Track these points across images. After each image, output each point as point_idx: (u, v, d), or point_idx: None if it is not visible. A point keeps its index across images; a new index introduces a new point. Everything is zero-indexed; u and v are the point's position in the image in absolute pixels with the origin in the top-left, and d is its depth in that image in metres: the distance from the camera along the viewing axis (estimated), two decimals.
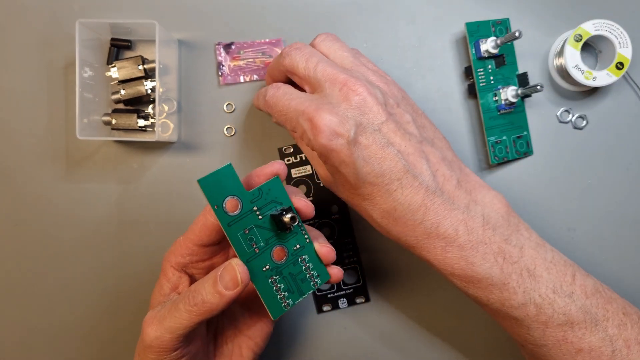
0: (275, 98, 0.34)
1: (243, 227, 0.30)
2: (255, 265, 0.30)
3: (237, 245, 0.30)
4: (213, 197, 0.29)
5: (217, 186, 0.29)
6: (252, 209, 0.30)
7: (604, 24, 0.39)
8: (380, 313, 0.42)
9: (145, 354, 0.31)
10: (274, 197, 0.31)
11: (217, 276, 0.29)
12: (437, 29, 0.42)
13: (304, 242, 0.32)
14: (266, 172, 0.32)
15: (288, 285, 0.31)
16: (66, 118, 0.42)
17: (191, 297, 0.29)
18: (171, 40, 0.41)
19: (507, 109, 0.41)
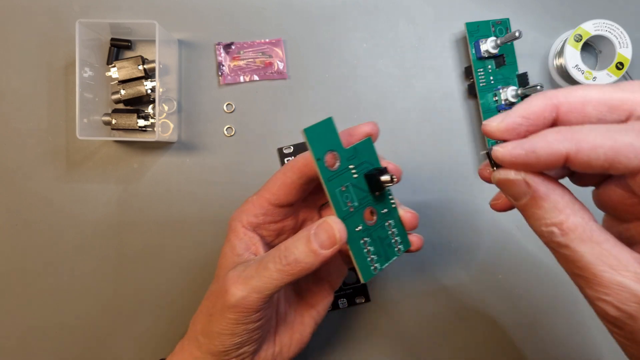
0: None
1: (341, 183, 0.29)
2: (349, 224, 0.29)
3: (335, 202, 0.28)
4: (316, 149, 0.27)
5: (320, 138, 0.28)
6: (348, 167, 0.29)
7: (604, 24, 0.39)
8: (380, 313, 0.42)
9: (224, 314, 0.29)
10: (366, 158, 0.30)
11: (310, 234, 0.28)
12: (437, 29, 0.42)
13: (390, 207, 0.31)
14: (359, 132, 0.30)
15: (377, 248, 0.30)
16: (66, 118, 0.42)
17: (282, 256, 0.28)
18: (171, 40, 0.41)
19: (507, 109, 0.41)
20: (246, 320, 0.29)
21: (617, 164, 0.20)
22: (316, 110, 0.42)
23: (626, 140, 0.20)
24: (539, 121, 0.23)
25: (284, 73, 0.42)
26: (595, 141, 0.20)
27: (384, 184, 0.29)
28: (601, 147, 0.20)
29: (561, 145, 0.21)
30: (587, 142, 0.20)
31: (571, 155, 0.21)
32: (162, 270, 0.42)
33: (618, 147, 0.20)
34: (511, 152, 0.22)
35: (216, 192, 0.42)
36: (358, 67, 0.42)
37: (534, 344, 0.42)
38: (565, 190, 0.23)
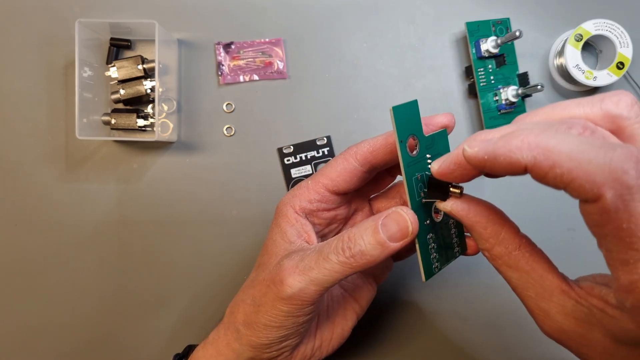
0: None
1: (416, 171, 0.26)
2: (419, 217, 0.27)
3: (411, 190, 0.26)
4: (401, 130, 0.25)
5: (405, 119, 0.25)
6: (426, 156, 0.27)
7: (605, 24, 0.39)
8: (380, 313, 0.42)
9: (276, 306, 0.28)
10: (440, 150, 0.28)
11: (377, 224, 0.26)
12: (437, 29, 0.42)
13: None
14: (435, 122, 0.28)
15: (439, 247, 0.28)
16: (66, 118, 0.42)
17: (346, 247, 0.26)
18: (171, 40, 0.41)
19: (508, 109, 0.41)
20: (298, 313, 0.28)
21: (571, 190, 0.19)
22: (316, 110, 0.42)
23: (588, 167, 0.18)
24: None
25: (284, 73, 0.42)
26: (557, 158, 0.19)
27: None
28: (559, 168, 0.19)
29: (521, 155, 0.20)
30: (548, 158, 0.19)
31: (529, 166, 0.20)
32: (162, 270, 0.42)
33: (577, 172, 0.18)
34: (476, 153, 0.21)
35: (216, 192, 0.42)
36: (358, 67, 0.42)
37: (536, 345, 0.42)
38: (490, 220, 0.25)
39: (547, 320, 0.23)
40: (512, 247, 0.24)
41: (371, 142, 0.29)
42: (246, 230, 0.42)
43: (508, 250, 0.24)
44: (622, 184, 0.18)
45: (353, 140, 0.42)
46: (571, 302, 0.23)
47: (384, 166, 0.30)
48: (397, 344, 0.42)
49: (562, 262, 0.43)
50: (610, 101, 0.22)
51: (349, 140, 0.42)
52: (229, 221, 0.42)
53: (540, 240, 0.32)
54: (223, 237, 0.42)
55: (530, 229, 0.33)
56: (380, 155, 0.29)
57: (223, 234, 0.42)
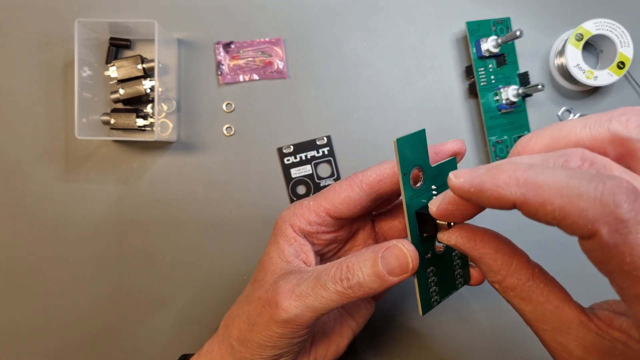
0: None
1: (420, 204, 0.26)
2: (420, 250, 0.26)
3: (412, 225, 0.25)
4: (405, 163, 0.25)
5: (410, 151, 0.24)
6: (431, 187, 0.26)
7: (605, 23, 0.39)
8: (380, 313, 0.42)
9: (270, 327, 0.27)
10: (444, 180, 0.26)
11: (377, 257, 0.25)
12: (437, 29, 0.42)
13: None
14: (446, 150, 0.27)
15: (440, 279, 0.27)
16: (65, 118, 0.42)
17: (344, 277, 0.26)
18: (170, 40, 0.41)
19: (508, 109, 0.41)
20: (292, 336, 0.28)
21: (565, 228, 0.18)
22: (316, 110, 0.42)
23: (579, 203, 0.17)
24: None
25: (284, 72, 0.42)
26: (546, 195, 0.18)
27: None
28: (550, 205, 0.18)
29: (508, 192, 0.19)
30: (538, 195, 0.18)
31: (518, 204, 0.19)
32: (161, 270, 0.42)
33: (568, 209, 0.17)
34: (461, 185, 0.20)
35: (216, 192, 0.42)
36: (358, 67, 0.42)
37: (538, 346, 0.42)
38: (500, 250, 0.23)
39: (565, 355, 0.22)
40: (525, 277, 0.23)
41: (378, 171, 0.28)
42: (246, 231, 0.42)
43: (521, 281, 0.23)
44: (615, 218, 0.16)
45: (353, 140, 0.42)
46: (591, 335, 0.21)
47: (390, 195, 0.29)
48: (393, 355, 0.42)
49: (561, 260, 0.43)
50: (618, 122, 0.20)
51: (349, 140, 0.42)
52: (228, 221, 0.42)
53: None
54: (223, 237, 0.42)
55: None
56: (388, 185, 0.28)
57: (223, 234, 0.42)
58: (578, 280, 0.24)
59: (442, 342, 0.42)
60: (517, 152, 0.22)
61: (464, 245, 0.24)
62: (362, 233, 0.33)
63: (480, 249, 0.23)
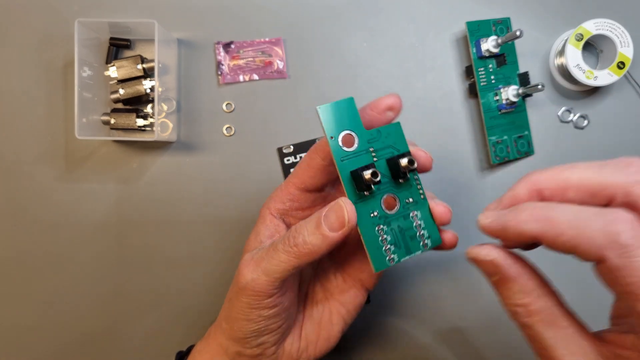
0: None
1: (356, 164, 0.28)
2: (363, 208, 0.28)
3: (347, 184, 0.27)
4: (330, 127, 0.27)
5: (336, 117, 0.27)
6: (368, 149, 0.28)
7: (605, 23, 0.39)
8: (381, 314, 0.42)
9: (239, 297, 0.29)
10: (392, 143, 0.28)
11: (321, 216, 0.27)
12: (437, 29, 0.42)
13: (418, 198, 0.29)
14: (381, 105, 0.29)
15: (395, 238, 0.29)
16: (65, 118, 0.42)
17: (291, 237, 0.28)
18: (170, 40, 0.41)
19: (508, 109, 0.41)
20: (258, 305, 0.29)
21: (579, 254, 0.21)
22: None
23: (587, 233, 0.20)
24: (523, 198, 0.24)
25: (284, 72, 0.42)
26: (560, 228, 0.21)
27: (403, 169, 0.28)
28: (564, 235, 0.21)
29: (528, 227, 0.22)
30: (553, 228, 0.21)
31: (539, 238, 0.22)
32: (162, 270, 0.42)
33: (577, 240, 0.20)
34: (489, 224, 0.24)
35: (215, 192, 0.42)
36: (358, 67, 0.42)
37: None
38: (534, 274, 0.24)
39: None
40: (551, 302, 0.23)
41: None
42: (246, 230, 0.42)
43: (548, 305, 0.23)
44: (619, 244, 0.19)
45: None
46: (604, 355, 0.22)
47: None
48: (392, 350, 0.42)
49: (562, 260, 0.43)
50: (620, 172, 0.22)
51: None
52: (228, 221, 0.42)
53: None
54: (223, 237, 0.42)
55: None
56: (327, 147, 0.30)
57: (223, 233, 0.42)
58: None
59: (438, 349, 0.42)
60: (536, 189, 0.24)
61: (503, 262, 0.24)
62: None
63: (519, 268, 0.24)
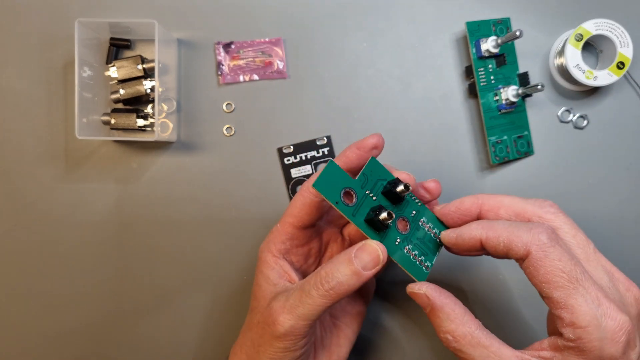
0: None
1: (365, 213, 0.31)
2: (389, 241, 0.31)
3: (368, 232, 0.30)
4: (331, 195, 0.30)
5: (330, 184, 0.30)
6: (365, 193, 0.31)
7: (605, 24, 0.39)
8: (380, 314, 0.42)
9: (273, 344, 0.30)
10: (378, 177, 0.32)
11: (351, 257, 0.29)
12: (437, 29, 0.42)
13: (417, 207, 0.33)
14: (367, 144, 0.32)
15: (420, 249, 0.32)
16: (65, 118, 0.42)
17: (324, 281, 0.29)
18: (170, 40, 0.41)
19: (508, 109, 0.41)
20: (294, 347, 0.31)
21: (511, 251, 0.28)
22: (316, 110, 0.42)
23: (517, 233, 0.27)
24: (467, 212, 0.32)
25: (284, 72, 0.42)
26: (498, 231, 0.28)
27: (401, 194, 0.31)
28: (500, 237, 0.28)
29: (477, 232, 0.29)
30: (493, 232, 0.28)
31: (482, 240, 0.29)
32: (162, 270, 0.42)
33: (510, 238, 0.28)
34: (448, 235, 0.31)
35: (216, 192, 0.42)
36: (358, 67, 0.42)
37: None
38: (457, 304, 0.29)
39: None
40: (474, 327, 0.28)
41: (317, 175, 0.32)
42: (246, 230, 0.42)
43: (471, 329, 0.28)
44: (540, 241, 0.27)
45: (353, 140, 0.42)
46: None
47: None
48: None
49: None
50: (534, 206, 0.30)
51: (349, 140, 0.42)
52: (228, 221, 0.42)
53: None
54: (223, 237, 0.42)
55: None
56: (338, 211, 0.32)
57: (223, 233, 0.42)
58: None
59: None
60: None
61: (431, 294, 0.29)
62: (334, 244, 0.37)
63: (444, 299, 0.29)
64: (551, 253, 0.26)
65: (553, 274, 0.26)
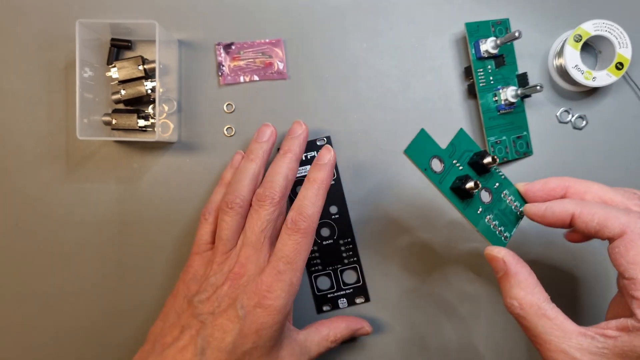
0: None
1: (451, 180, 0.32)
2: (471, 210, 0.33)
3: (451, 197, 0.32)
4: (420, 162, 0.31)
5: (420, 151, 0.32)
6: (453, 163, 0.33)
7: (604, 24, 0.39)
8: (380, 313, 0.42)
9: None
10: (465, 147, 0.34)
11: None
12: (436, 29, 0.42)
13: (501, 180, 0.35)
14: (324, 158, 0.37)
15: (501, 220, 0.34)
16: (66, 118, 0.42)
17: None
18: (171, 41, 0.41)
19: (507, 109, 0.41)
20: None
21: (604, 229, 0.29)
22: (316, 111, 0.42)
23: (613, 213, 0.29)
24: (551, 192, 0.33)
25: (284, 73, 0.42)
26: (593, 209, 0.29)
27: (487, 166, 0.33)
28: (596, 214, 0.29)
29: (570, 207, 0.30)
30: (589, 209, 0.29)
31: (575, 215, 0.30)
32: (163, 271, 0.42)
33: (607, 217, 0.29)
34: (536, 207, 0.32)
35: None
36: (358, 67, 0.42)
37: None
38: (531, 274, 0.31)
39: (565, 357, 0.29)
40: (542, 298, 0.30)
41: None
42: None
43: (539, 300, 0.30)
44: (636, 225, 0.28)
45: (353, 140, 0.42)
46: (587, 341, 0.28)
47: None
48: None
49: (561, 260, 0.43)
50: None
51: (349, 140, 0.42)
52: None
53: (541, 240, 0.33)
54: None
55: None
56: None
57: None
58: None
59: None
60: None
61: (509, 260, 0.31)
62: None
63: (520, 267, 0.31)
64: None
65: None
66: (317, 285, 0.42)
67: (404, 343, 0.42)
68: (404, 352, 0.42)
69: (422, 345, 0.42)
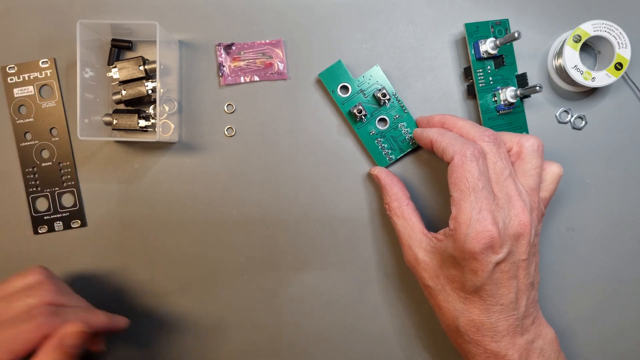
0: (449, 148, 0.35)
1: (352, 104, 0.41)
2: (364, 131, 0.41)
3: (348, 118, 0.41)
4: (330, 85, 0.41)
5: (332, 77, 0.41)
6: (359, 91, 0.41)
7: (603, 25, 0.39)
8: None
9: None
10: (375, 81, 0.41)
11: None
12: (436, 30, 0.42)
13: (402, 113, 0.42)
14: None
15: (391, 145, 0.41)
16: (67, 118, 0.42)
17: None
18: (172, 41, 0.41)
19: (506, 110, 0.41)
20: None
21: (445, 154, 0.35)
22: (316, 111, 0.42)
23: (452, 142, 0.35)
24: (434, 124, 0.39)
25: (284, 74, 0.42)
26: (444, 138, 0.36)
27: (382, 99, 0.40)
28: (443, 142, 0.36)
29: (431, 134, 0.37)
30: (442, 137, 0.36)
31: (433, 141, 0.37)
32: (163, 271, 0.42)
33: (447, 144, 0.35)
34: (417, 131, 0.39)
35: (216, 192, 0.42)
36: (358, 68, 0.42)
37: None
38: (397, 186, 0.39)
39: (410, 251, 0.37)
40: (402, 203, 0.39)
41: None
42: (246, 230, 0.42)
43: (400, 204, 0.38)
44: (462, 154, 0.34)
45: (352, 141, 0.42)
46: (426, 240, 0.37)
47: None
48: None
49: (561, 260, 0.44)
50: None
51: (348, 140, 0.42)
52: (229, 221, 0.42)
53: (540, 239, 0.33)
54: (224, 237, 0.42)
55: None
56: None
57: (224, 233, 0.42)
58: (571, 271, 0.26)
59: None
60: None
61: (381, 176, 0.40)
62: None
63: (389, 181, 0.39)
64: (466, 164, 0.33)
65: (460, 179, 0.33)
66: (35, 207, 0.42)
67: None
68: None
69: None
